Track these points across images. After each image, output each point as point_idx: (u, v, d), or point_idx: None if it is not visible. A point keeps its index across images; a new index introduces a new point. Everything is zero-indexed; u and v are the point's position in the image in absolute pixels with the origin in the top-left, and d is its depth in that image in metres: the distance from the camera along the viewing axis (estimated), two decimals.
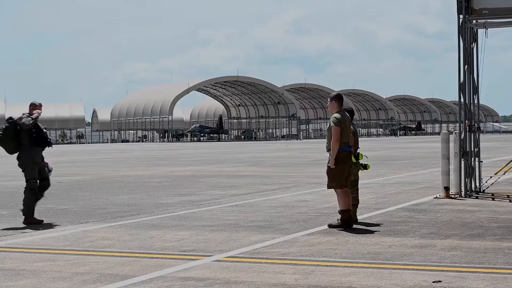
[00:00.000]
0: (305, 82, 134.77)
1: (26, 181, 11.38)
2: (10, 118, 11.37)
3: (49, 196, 16.15)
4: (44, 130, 11.51)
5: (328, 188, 10.39)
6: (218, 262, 7.77)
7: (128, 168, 29.39)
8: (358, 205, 10.90)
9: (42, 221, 11.26)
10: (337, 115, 10.14)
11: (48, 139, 11.53)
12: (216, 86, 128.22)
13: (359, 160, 10.95)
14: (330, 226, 10.07)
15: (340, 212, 10.09)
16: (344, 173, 10.15)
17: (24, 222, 11.15)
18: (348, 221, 10.02)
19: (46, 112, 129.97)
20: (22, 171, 11.42)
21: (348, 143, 10.23)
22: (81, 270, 7.44)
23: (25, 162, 11.30)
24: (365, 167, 11.30)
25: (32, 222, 11.10)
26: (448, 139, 14.47)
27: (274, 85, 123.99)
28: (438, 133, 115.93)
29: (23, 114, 11.38)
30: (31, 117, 11.20)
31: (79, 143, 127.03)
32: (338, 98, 10.38)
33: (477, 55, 14.90)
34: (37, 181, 11.40)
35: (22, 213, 11.29)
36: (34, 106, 11.49)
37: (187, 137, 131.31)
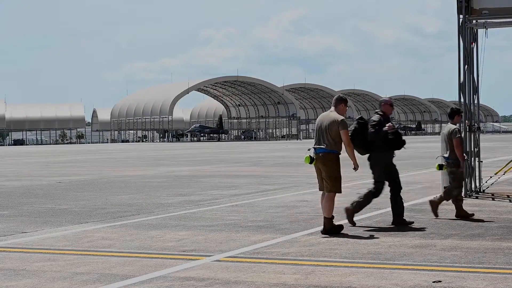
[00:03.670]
0: (305, 82, 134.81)
1: (374, 183, 10.46)
2: (361, 118, 10.61)
3: (49, 196, 16.18)
4: (399, 132, 10.60)
5: None
6: (218, 262, 7.77)
7: (128, 168, 29.38)
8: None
9: (354, 224, 10.28)
10: None
11: (403, 141, 10.53)
12: (216, 86, 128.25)
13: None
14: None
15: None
16: (317, 175, 9.93)
17: (347, 218, 10.30)
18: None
19: (46, 112, 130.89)
20: (372, 172, 10.51)
21: (316, 144, 9.80)
22: (81, 270, 7.44)
23: (376, 164, 10.42)
24: (440, 167, 11.48)
25: (351, 222, 10.27)
26: None
27: (274, 85, 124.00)
28: (438, 133, 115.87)
29: (376, 112, 10.66)
30: (373, 125, 10.32)
31: (79, 143, 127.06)
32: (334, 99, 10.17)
33: (477, 55, 14.90)
34: (384, 183, 10.42)
35: (353, 210, 10.37)
36: (386, 103, 10.67)
37: (187, 137, 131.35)
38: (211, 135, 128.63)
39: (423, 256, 7.86)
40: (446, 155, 11.47)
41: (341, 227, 9.72)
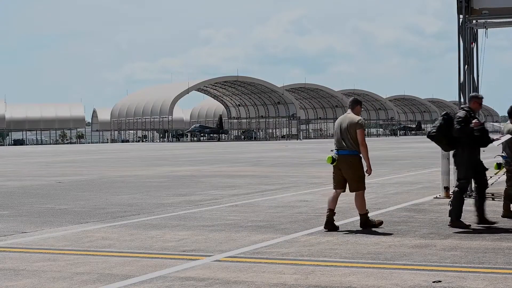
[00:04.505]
0: (305, 82, 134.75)
1: (457, 180, 10.28)
2: (446, 114, 10.36)
3: (49, 196, 16.18)
4: (486, 129, 10.26)
5: None
6: (218, 262, 7.77)
7: (128, 168, 29.39)
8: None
9: (469, 225, 9.97)
10: None
11: (489, 139, 10.24)
12: (216, 86, 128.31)
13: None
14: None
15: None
16: (334, 174, 10.21)
17: (450, 225, 9.94)
18: (326, 222, 9.96)
19: (46, 112, 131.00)
20: (456, 169, 10.33)
21: (337, 145, 10.12)
22: (81, 270, 7.44)
23: (461, 162, 10.14)
24: (499, 166, 11.40)
25: (457, 226, 9.87)
26: None
27: (274, 85, 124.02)
28: None
29: (462, 108, 10.35)
30: (458, 121, 9.97)
31: (79, 143, 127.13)
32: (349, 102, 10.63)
33: (477, 55, 14.90)
34: (469, 181, 10.34)
35: (448, 215, 10.09)
36: (475, 99, 10.41)
37: (187, 137, 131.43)
38: (211, 135, 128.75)
39: (423, 256, 7.86)
40: (504, 154, 11.51)
41: (382, 222, 10.17)
